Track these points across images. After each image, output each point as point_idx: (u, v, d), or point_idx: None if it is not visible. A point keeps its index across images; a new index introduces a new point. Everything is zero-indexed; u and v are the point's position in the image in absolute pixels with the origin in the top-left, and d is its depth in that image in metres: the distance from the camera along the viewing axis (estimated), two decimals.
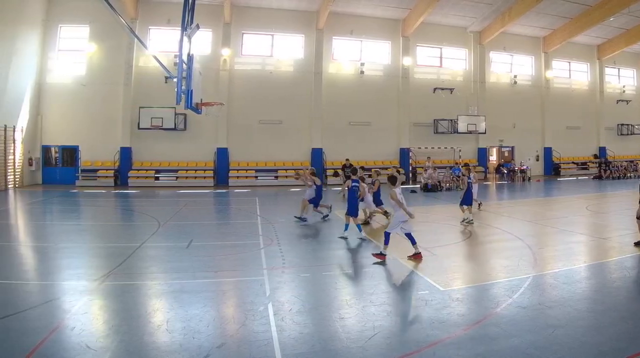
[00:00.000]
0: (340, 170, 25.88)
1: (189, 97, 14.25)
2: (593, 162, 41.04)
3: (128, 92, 30.67)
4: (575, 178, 37.15)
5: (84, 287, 8.49)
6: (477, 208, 18.05)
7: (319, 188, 16.36)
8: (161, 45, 30.64)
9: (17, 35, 26.96)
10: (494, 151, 40.70)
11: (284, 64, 33.84)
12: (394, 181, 10.99)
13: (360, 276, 9.31)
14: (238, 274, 9.88)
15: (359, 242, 12.77)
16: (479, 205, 18.38)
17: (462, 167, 19.79)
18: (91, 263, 10.66)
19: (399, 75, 35.38)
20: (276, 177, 32.06)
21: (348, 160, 28.53)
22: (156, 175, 31.05)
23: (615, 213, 11.62)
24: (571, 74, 42.07)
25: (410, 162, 35.28)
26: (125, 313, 7.22)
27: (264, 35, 33.57)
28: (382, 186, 14.82)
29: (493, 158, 40.73)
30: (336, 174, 24.33)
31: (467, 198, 15.59)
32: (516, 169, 35.55)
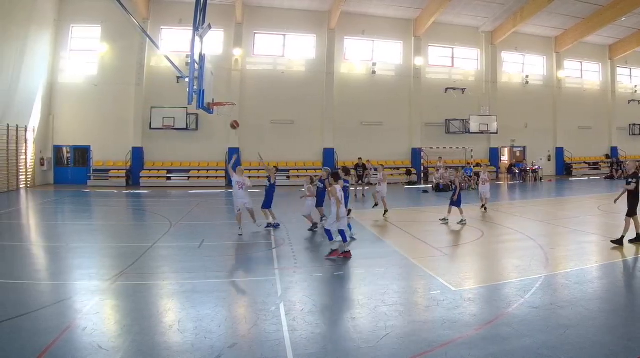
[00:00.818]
0: (353, 170, 25.66)
1: (200, 97, 14.32)
2: (605, 162, 40.82)
3: (140, 92, 30.84)
4: (587, 178, 36.87)
5: (96, 287, 8.53)
6: (481, 210, 18.21)
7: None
8: (173, 45, 30.74)
9: (28, 35, 27.13)
10: (505, 151, 40.63)
11: (296, 64, 33.87)
12: (337, 178, 11.40)
13: (372, 276, 9.26)
14: (250, 274, 9.93)
15: (375, 242, 12.88)
16: (483, 206, 18.44)
17: (456, 170, 19.87)
18: (103, 263, 10.71)
19: (410, 75, 35.31)
20: (288, 177, 31.94)
21: (361, 159, 28.10)
22: (168, 175, 31.18)
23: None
24: (583, 74, 41.83)
25: (422, 162, 35.22)
26: (137, 313, 7.25)
27: (275, 35, 33.64)
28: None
29: (505, 158, 40.62)
30: (348, 173, 24.10)
31: (457, 201, 15.69)
32: (528, 169, 35.38)
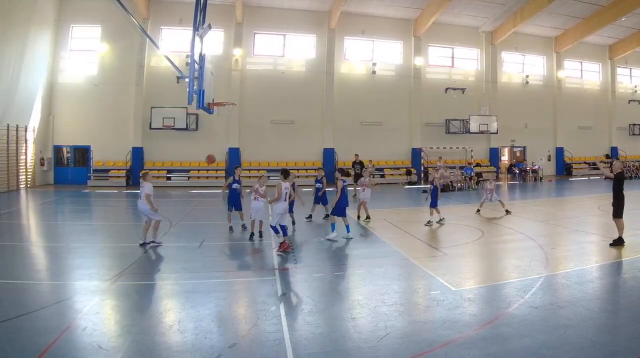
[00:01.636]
0: (351, 169, 25.58)
1: (200, 97, 14.33)
2: (605, 162, 40.75)
3: (140, 92, 30.82)
4: (587, 178, 36.84)
5: (96, 287, 8.54)
6: (507, 214, 17.45)
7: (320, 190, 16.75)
8: (173, 45, 30.70)
9: (28, 35, 27.09)
10: (505, 151, 40.61)
11: (296, 64, 33.85)
12: (286, 175, 12.01)
13: (372, 276, 9.27)
14: (250, 274, 9.92)
15: (375, 242, 12.87)
16: (506, 211, 17.72)
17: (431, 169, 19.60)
18: (103, 263, 10.72)
19: (410, 75, 35.28)
20: None
21: (357, 156, 27.54)
22: (168, 175, 31.12)
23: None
24: (583, 74, 41.80)
25: (422, 162, 35.20)
26: (137, 313, 7.27)
27: (275, 35, 33.62)
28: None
29: (505, 158, 40.60)
30: (347, 174, 24.05)
31: (433, 201, 15.59)
32: (528, 168, 35.37)
